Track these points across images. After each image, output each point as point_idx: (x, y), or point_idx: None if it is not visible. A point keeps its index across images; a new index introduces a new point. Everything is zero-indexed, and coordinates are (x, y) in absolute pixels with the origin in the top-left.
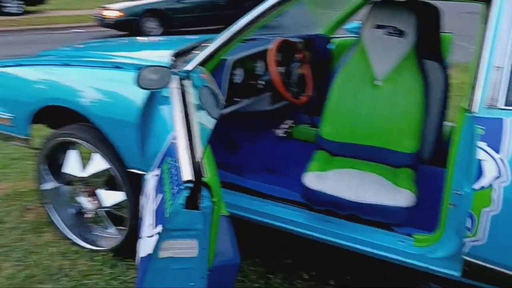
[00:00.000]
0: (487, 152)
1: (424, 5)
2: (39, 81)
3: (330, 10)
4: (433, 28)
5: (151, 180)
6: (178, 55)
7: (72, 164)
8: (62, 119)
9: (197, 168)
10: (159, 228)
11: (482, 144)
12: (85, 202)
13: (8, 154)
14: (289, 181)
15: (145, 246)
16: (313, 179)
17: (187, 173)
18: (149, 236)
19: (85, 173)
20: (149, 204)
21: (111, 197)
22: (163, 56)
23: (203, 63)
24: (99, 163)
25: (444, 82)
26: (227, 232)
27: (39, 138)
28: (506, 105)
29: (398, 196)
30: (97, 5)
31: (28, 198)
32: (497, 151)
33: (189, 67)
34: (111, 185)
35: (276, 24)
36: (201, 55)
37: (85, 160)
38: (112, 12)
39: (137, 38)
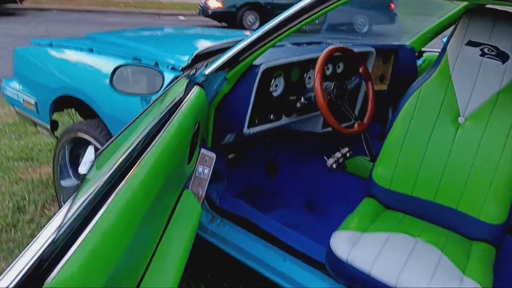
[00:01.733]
0: None
1: None
2: (61, 65)
3: (427, 16)
4: None
5: None
6: (201, 55)
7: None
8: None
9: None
10: None
11: None
12: None
13: None
14: (331, 227)
15: None
16: (344, 243)
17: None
18: None
19: None
20: None
21: None
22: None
23: (224, 67)
24: None
25: None
26: None
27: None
28: None
29: None
30: None
31: None
32: None
33: (208, 70)
34: None
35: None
36: (222, 58)
37: None
38: (213, 2)
39: (207, 29)
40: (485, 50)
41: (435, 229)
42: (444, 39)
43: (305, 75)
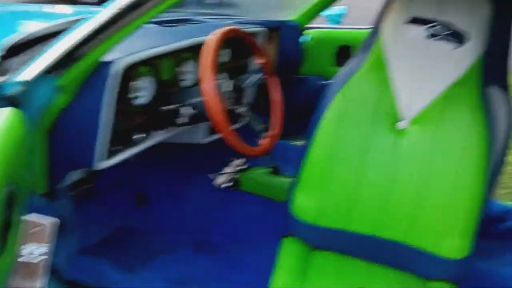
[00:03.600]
0: None
1: None
2: None
3: None
4: (505, 30)
5: None
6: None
7: None
8: None
9: None
10: None
11: None
12: None
13: None
14: (238, 273)
15: None
16: None
17: None
18: None
19: None
20: None
21: None
22: None
23: (52, 69)
24: None
25: (507, 124)
26: None
27: None
28: None
29: None
30: None
31: None
32: None
33: (27, 75)
34: None
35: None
36: (47, 54)
37: None
38: None
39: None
40: (435, 29)
41: (380, 271)
42: (327, 13)
43: (179, 69)
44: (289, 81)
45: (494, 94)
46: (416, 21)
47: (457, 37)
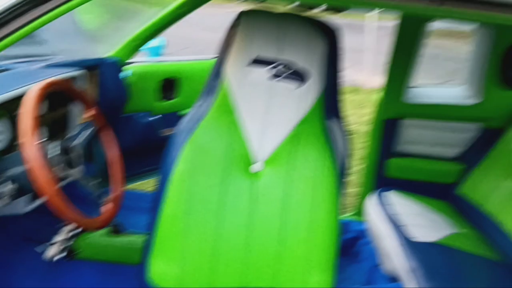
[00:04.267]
0: None
1: (325, 26)
2: None
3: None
4: (335, 64)
5: None
6: None
7: None
8: None
9: None
10: None
11: None
12: None
13: None
14: None
15: None
16: None
17: None
18: None
19: None
20: None
21: None
22: None
23: None
24: None
25: (344, 149)
26: None
27: None
28: None
29: None
30: None
31: None
32: None
33: None
34: None
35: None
36: None
37: None
38: None
39: None
40: (277, 69)
41: None
42: (147, 47)
43: None
44: (114, 121)
45: (333, 124)
46: (258, 62)
47: (299, 76)
